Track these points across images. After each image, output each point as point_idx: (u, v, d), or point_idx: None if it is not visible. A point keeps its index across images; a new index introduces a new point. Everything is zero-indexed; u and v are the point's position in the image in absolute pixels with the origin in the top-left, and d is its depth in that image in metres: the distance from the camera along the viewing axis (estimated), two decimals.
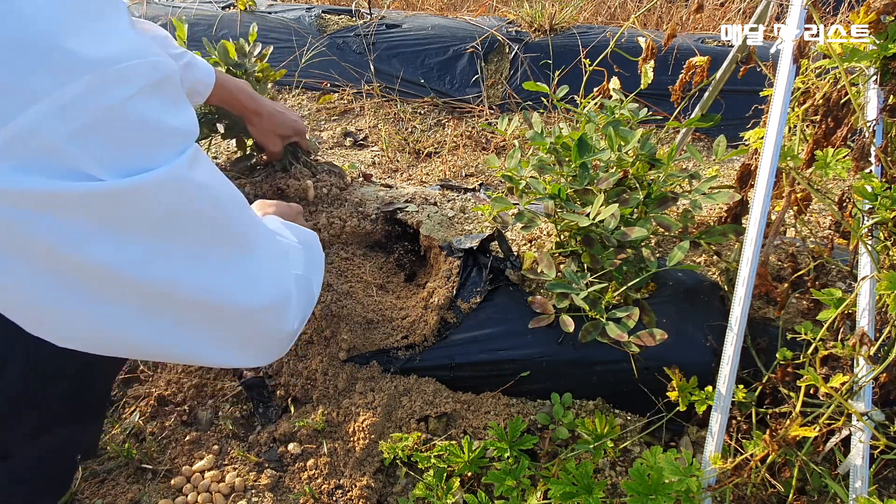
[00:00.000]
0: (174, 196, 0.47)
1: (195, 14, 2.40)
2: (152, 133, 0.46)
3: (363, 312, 1.11)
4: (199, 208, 0.50)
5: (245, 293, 0.55)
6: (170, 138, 0.47)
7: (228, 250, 0.54)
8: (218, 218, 0.53)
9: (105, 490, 0.96)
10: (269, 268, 0.60)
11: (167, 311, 0.51)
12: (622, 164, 1.08)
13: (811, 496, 0.91)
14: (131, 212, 0.45)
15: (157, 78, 0.45)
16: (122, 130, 0.43)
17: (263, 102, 1.21)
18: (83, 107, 0.40)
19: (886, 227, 0.82)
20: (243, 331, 0.58)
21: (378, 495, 0.95)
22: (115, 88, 0.42)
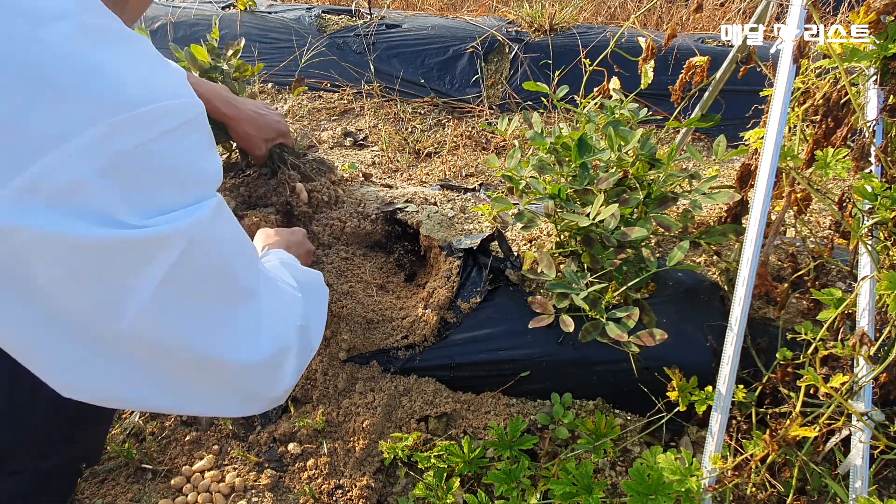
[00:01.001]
0: (191, 246, 0.46)
1: (195, 14, 2.40)
2: (175, 177, 0.45)
3: (363, 312, 1.11)
4: (212, 261, 0.49)
5: (244, 349, 0.54)
6: (193, 183, 0.47)
7: (231, 305, 0.53)
8: (226, 273, 0.52)
9: (105, 490, 0.96)
10: (271, 322, 0.59)
11: (161, 365, 0.50)
12: (622, 164, 1.08)
13: (811, 496, 0.91)
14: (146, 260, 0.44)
15: (181, 121, 0.45)
16: (146, 173, 0.43)
17: (242, 106, 1.17)
18: (107, 149, 0.40)
19: (886, 227, 0.82)
20: (239, 385, 0.57)
21: (378, 495, 0.95)
22: (141, 130, 0.42)
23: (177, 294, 0.47)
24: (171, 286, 0.46)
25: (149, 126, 0.42)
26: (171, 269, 0.45)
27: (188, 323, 0.49)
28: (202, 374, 0.53)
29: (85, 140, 0.39)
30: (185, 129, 0.45)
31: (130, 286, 0.44)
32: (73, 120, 0.38)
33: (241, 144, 1.23)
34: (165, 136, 0.43)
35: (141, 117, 0.41)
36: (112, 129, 0.40)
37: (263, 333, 0.57)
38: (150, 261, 0.44)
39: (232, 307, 0.53)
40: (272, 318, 0.59)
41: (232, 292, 0.53)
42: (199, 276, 0.48)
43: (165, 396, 0.51)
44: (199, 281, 0.49)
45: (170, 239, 0.44)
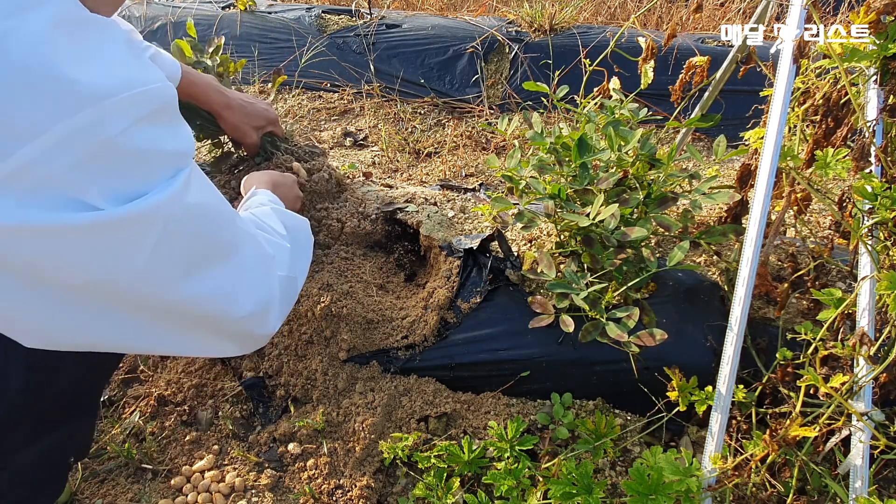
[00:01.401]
0: (170, 220, 0.49)
1: (195, 14, 2.40)
2: (150, 160, 0.47)
3: (363, 312, 1.11)
4: (190, 228, 0.52)
5: (229, 303, 0.59)
6: (167, 162, 0.49)
7: (214, 263, 0.57)
8: (206, 234, 0.55)
9: (105, 490, 0.96)
10: (253, 276, 0.63)
11: (155, 319, 0.55)
12: (622, 164, 1.08)
13: (811, 496, 0.91)
14: (129, 236, 0.46)
15: (156, 107, 0.46)
16: (121, 159, 0.44)
17: (232, 95, 1.20)
18: (83, 139, 0.41)
19: (886, 227, 0.82)
20: (225, 332, 0.62)
21: (378, 495, 0.95)
22: (114, 120, 0.42)
23: (164, 257, 0.50)
24: (159, 252, 0.49)
25: (121, 115, 0.43)
26: (156, 240, 0.48)
27: (174, 284, 0.53)
28: (187, 324, 0.58)
29: (65, 129, 0.39)
30: (156, 115, 0.46)
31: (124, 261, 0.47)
32: (52, 110, 0.39)
33: (231, 134, 1.24)
34: (137, 123, 0.44)
35: (114, 107, 0.42)
36: (92, 116, 0.41)
37: (245, 289, 0.61)
38: (137, 237, 0.47)
39: (214, 267, 0.57)
40: (254, 272, 0.63)
41: (215, 250, 0.57)
42: (181, 239, 0.52)
43: (154, 341, 0.57)
44: (183, 244, 0.52)
45: (150, 215, 0.47)
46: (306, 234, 0.86)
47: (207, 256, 0.56)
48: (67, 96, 0.40)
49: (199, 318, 0.58)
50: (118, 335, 0.54)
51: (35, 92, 0.39)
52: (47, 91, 0.39)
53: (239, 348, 0.66)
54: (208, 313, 0.58)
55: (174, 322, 0.57)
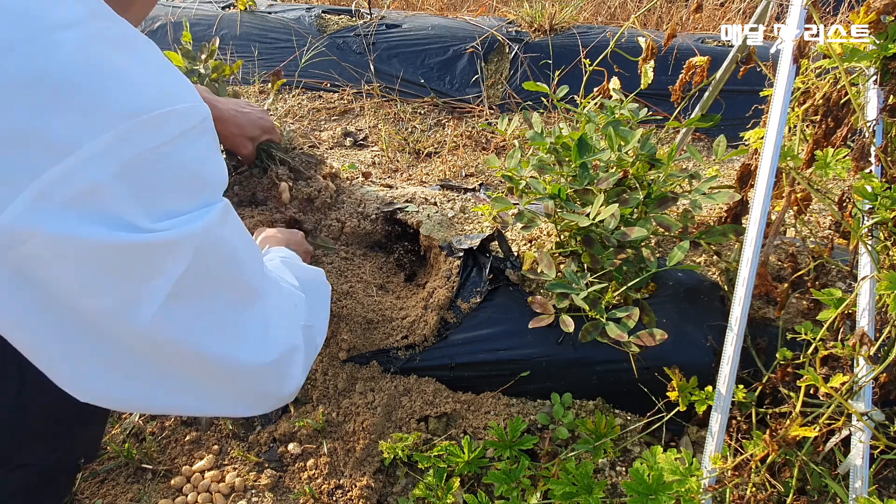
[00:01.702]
0: (200, 251, 0.46)
1: (195, 14, 2.40)
2: (187, 181, 0.46)
3: (363, 312, 1.11)
4: (221, 267, 0.50)
5: (253, 351, 0.55)
6: (204, 187, 0.47)
7: (241, 308, 0.54)
8: (235, 276, 0.52)
9: (105, 490, 0.96)
10: (278, 322, 0.59)
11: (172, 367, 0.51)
12: (622, 164, 1.08)
13: (811, 496, 0.91)
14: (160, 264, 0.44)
15: (190, 126, 0.45)
16: (159, 177, 0.43)
17: (223, 106, 1.16)
18: (120, 154, 0.40)
19: (886, 227, 0.82)
20: (250, 386, 0.57)
21: (378, 495, 0.95)
22: (149, 136, 0.42)
23: (189, 297, 0.47)
24: (184, 289, 0.46)
25: (162, 129, 0.43)
26: (184, 272, 0.45)
27: (199, 325, 0.49)
28: (213, 376, 0.53)
29: (100, 144, 0.39)
30: (195, 132, 0.46)
31: (145, 289, 0.44)
32: (87, 125, 0.39)
33: (226, 145, 1.22)
34: (178, 139, 0.44)
35: (154, 121, 0.42)
36: (127, 132, 0.40)
37: (272, 334, 0.57)
38: (164, 264, 0.44)
39: (241, 310, 0.54)
40: (279, 319, 0.60)
41: (241, 295, 0.54)
42: (210, 278, 0.49)
43: (175, 397, 0.52)
44: (210, 284, 0.49)
45: (182, 243, 0.45)
46: (322, 284, 0.82)
47: (234, 297, 0.53)
48: (109, 109, 0.40)
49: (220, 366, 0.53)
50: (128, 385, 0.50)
51: (76, 105, 0.38)
52: (88, 104, 0.39)
53: (257, 408, 0.61)
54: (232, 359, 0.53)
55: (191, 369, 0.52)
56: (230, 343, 0.52)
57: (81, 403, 0.63)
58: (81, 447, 0.77)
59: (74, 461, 0.78)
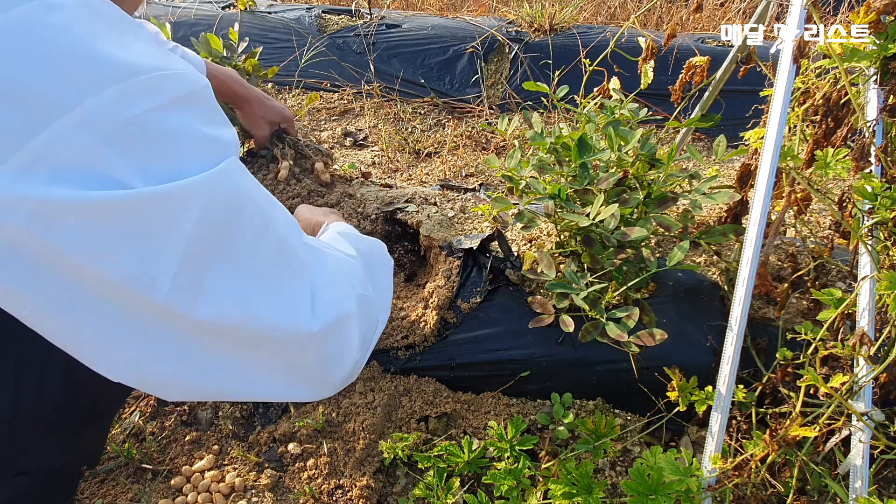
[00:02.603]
0: (209, 208, 0.43)
1: (195, 14, 2.40)
2: (187, 142, 0.44)
3: None
4: (240, 220, 0.46)
5: (296, 315, 0.50)
6: (206, 147, 0.45)
7: (277, 269, 0.49)
8: (261, 231, 0.48)
9: (105, 490, 0.96)
10: (324, 287, 0.54)
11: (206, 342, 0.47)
12: (622, 164, 1.08)
13: (811, 496, 0.91)
14: (161, 219, 0.42)
15: (188, 91, 0.44)
16: (155, 139, 0.42)
17: (252, 89, 1.26)
18: (114, 115, 0.39)
19: (886, 227, 0.82)
20: (297, 360, 0.52)
21: (378, 495, 0.95)
22: (144, 98, 0.41)
23: (208, 258, 0.44)
24: (201, 249, 0.43)
25: (156, 92, 0.42)
26: (194, 229, 0.43)
27: (227, 290, 0.45)
28: (254, 350, 0.49)
29: (90, 107, 0.38)
30: (192, 98, 0.45)
31: (156, 252, 0.42)
32: (77, 87, 0.38)
33: (247, 125, 1.31)
34: (173, 103, 0.43)
35: (147, 83, 0.41)
36: (118, 94, 0.39)
37: (317, 300, 0.52)
38: (170, 221, 0.42)
39: (278, 271, 0.49)
40: (327, 282, 0.54)
41: (274, 252, 0.49)
42: (230, 235, 0.45)
43: (215, 378, 0.48)
44: (232, 242, 0.46)
45: (185, 195, 0.42)
46: (383, 255, 0.77)
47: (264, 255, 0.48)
48: (100, 71, 0.39)
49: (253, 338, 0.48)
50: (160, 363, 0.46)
51: (67, 67, 0.38)
52: (79, 66, 0.38)
53: (315, 389, 0.55)
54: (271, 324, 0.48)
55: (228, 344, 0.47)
56: (266, 307, 0.47)
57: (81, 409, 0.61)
58: (84, 453, 0.77)
59: (77, 467, 0.78)
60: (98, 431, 0.79)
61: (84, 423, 0.72)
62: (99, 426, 0.77)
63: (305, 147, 1.37)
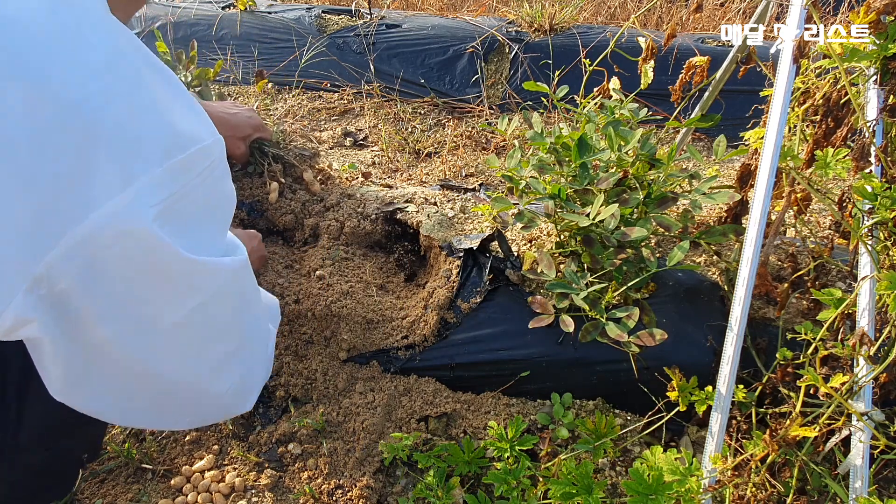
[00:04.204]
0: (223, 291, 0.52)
1: (195, 14, 2.40)
2: (215, 206, 0.50)
3: (363, 312, 1.11)
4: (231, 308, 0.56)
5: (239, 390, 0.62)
6: (227, 212, 0.52)
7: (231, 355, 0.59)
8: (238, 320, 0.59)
9: (105, 490, 0.95)
10: (262, 360, 0.68)
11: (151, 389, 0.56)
12: (622, 164, 1.08)
13: (811, 496, 0.91)
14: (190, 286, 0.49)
15: (218, 156, 0.50)
16: (195, 205, 0.47)
17: (213, 110, 1.21)
18: (164, 188, 0.44)
19: (886, 227, 0.82)
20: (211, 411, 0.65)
21: (378, 495, 0.95)
22: (189, 169, 0.46)
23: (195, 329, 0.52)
24: (196, 319, 0.51)
25: (194, 165, 0.46)
26: (202, 301, 0.50)
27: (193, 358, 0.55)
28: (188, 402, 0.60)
29: (144, 183, 0.42)
30: (217, 164, 0.50)
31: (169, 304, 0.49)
32: (129, 168, 0.42)
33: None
34: (205, 172, 0.48)
35: (189, 159, 0.46)
36: (167, 172, 0.44)
37: (257, 373, 0.66)
38: (194, 287, 0.49)
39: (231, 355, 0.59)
40: (263, 357, 0.68)
41: (238, 339, 0.59)
42: (219, 316, 0.53)
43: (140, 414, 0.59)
44: (217, 321, 0.54)
45: (211, 273, 0.49)
46: (278, 313, 0.87)
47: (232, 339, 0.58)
48: (150, 151, 0.43)
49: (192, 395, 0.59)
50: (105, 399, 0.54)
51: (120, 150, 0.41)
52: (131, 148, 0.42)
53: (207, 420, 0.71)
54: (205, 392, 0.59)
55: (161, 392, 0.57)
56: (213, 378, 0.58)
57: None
58: (84, 445, 0.78)
59: (77, 457, 0.78)
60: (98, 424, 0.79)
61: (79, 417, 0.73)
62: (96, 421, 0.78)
63: (289, 155, 1.33)
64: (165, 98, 0.46)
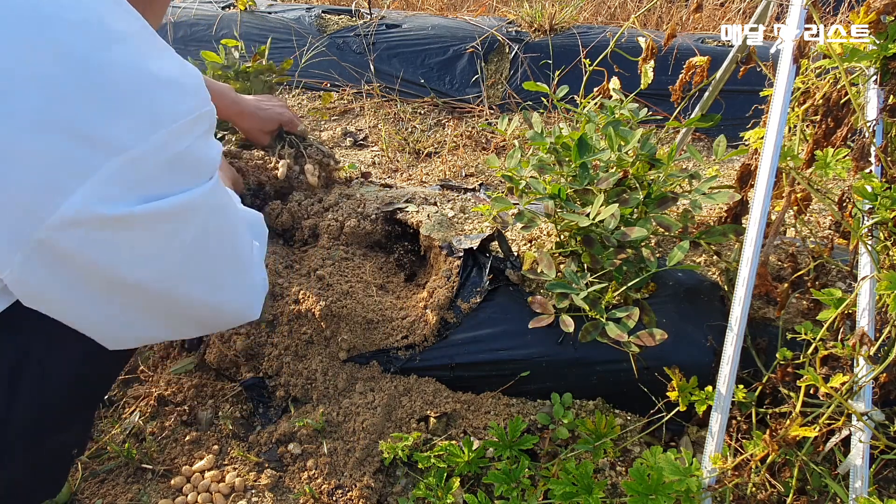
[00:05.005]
0: (208, 215, 0.58)
1: (195, 14, 2.40)
2: (202, 166, 0.56)
3: (363, 312, 1.11)
4: (224, 225, 0.63)
5: (246, 304, 0.71)
6: (209, 167, 0.58)
7: (235, 271, 0.67)
8: (230, 238, 0.65)
9: (105, 490, 0.95)
10: (261, 280, 0.75)
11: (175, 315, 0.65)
12: (622, 164, 1.08)
13: (811, 496, 0.91)
14: (176, 225, 0.55)
15: (211, 123, 0.56)
16: (184, 166, 0.54)
17: (245, 103, 1.29)
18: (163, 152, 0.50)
19: (886, 227, 0.82)
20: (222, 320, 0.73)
21: (378, 495, 0.95)
22: (187, 135, 0.52)
23: (200, 253, 0.60)
24: (197, 247, 0.59)
25: (196, 128, 0.53)
26: (195, 236, 0.58)
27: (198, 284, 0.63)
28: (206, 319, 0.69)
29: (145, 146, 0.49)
30: (210, 129, 0.57)
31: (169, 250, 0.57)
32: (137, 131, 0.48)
33: (247, 137, 1.35)
34: (201, 137, 0.54)
35: (191, 123, 0.52)
36: (169, 135, 0.50)
37: (258, 290, 0.74)
38: (182, 229, 0.56)
39: (235, 271, 0.68)
40: (261, 275, 0.75)
41: (234, 257, 0.67)
42: (215, 237, 0.62)
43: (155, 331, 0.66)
44: (214, 242, 0.62)
45: (193, 208, 0.56)
46: (263, 228, 0.92)
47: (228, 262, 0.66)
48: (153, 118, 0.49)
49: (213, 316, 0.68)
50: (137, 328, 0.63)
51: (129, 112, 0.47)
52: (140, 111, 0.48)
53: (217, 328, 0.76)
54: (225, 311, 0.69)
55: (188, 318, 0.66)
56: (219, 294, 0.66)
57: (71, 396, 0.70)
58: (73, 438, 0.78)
59: (67, 452, 0.78)
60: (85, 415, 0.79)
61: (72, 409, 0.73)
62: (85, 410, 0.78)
63: (307, 147, 1.37)
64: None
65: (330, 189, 1.38)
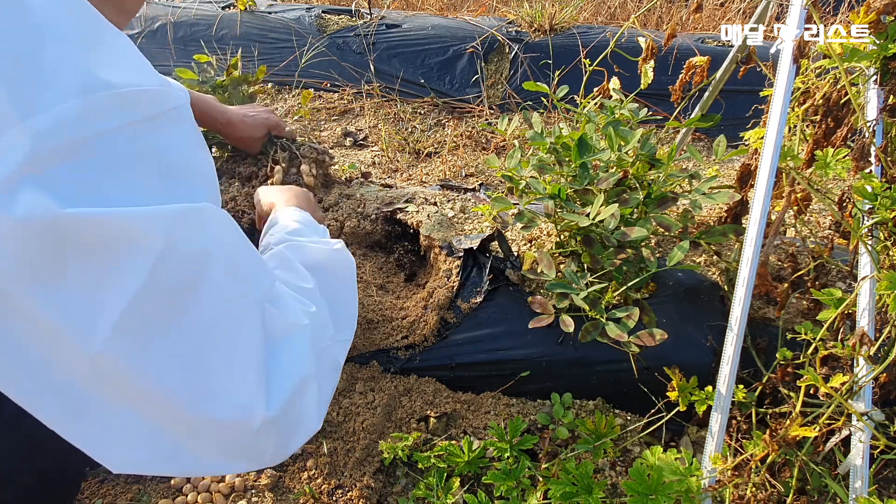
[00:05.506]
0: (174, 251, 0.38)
1: (195, 14, 2.40)
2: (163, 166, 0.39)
3: (363, 312, 1.11)
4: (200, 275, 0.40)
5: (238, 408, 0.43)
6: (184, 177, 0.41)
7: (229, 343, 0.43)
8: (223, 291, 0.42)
9: (105, 490, 0.95)
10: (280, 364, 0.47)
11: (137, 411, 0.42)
12: (622, 164, 1.08)
13: (811, 496, 0.91)
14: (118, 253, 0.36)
15: (170, 107, 0.41)
16: (127, 157, 0.38)
17: (231, 112, 1.27)
18: (80, 127, 0.35)
19: (886, 227, 0.82)
20: (236, 444, 0.46)
21: (378, 495, 0.95)
22: (120, 110, 0.37)
23: (154, 314, 0.38)
24: (149, 300, 0.37)
25: (130, 108, 0.37)
26: (150, 274, 0.37)
27: (167, 359, 0.39)
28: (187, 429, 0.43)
29: (44, 119, 0.34)
30: (170, 116, 0.40)
31: (98, 294, 0.36)
32: (30, 98, 0.34)
33: (238, 146, 1.35)
34: (149, 121, 0.39)
35: (121, 97, 0.37)
36: (86, 106, 0.35)
37: (270, 383, 0.45)
38: (124, 256, 0.36)
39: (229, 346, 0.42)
40: (281, 359, 0.47)
41: (229, 321, 0.42)
42: (180, 292, 0.39)
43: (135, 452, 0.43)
44: (184, 300, 0.39)
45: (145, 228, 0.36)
46: (342, 260, 0.67)
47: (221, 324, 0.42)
48: (68, 80, 0.35)
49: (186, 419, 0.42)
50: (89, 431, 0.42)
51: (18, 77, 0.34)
52: (31, 76, 0.34)
53: (262, 461, 0.48)
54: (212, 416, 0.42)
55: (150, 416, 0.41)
56: (201, 393, 0.41)
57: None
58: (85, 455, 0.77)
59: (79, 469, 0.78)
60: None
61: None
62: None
63: (300, 148, 1.37)
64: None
65: (329, 189, 1.38)
